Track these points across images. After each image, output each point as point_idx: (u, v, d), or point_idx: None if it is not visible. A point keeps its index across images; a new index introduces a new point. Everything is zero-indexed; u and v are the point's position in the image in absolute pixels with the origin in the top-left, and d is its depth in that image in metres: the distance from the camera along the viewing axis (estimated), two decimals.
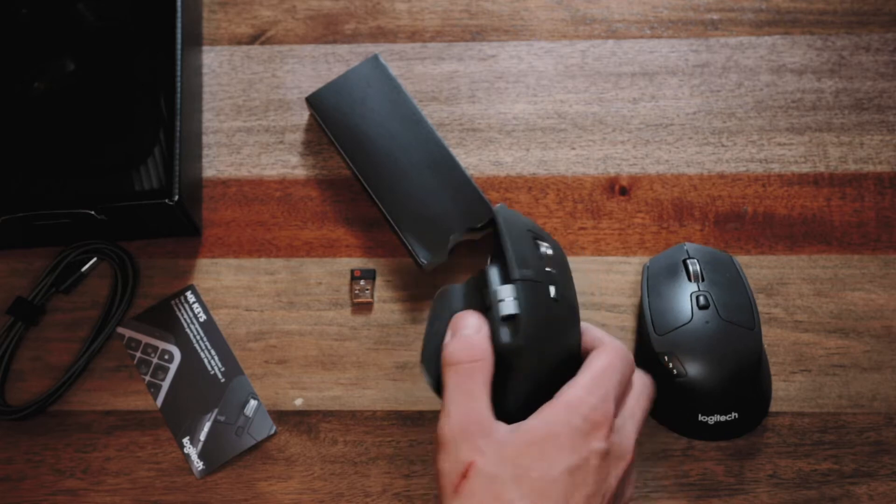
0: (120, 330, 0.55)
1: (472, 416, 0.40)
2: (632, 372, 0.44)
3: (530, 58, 0.61)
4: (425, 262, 0.54)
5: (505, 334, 0.42)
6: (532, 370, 0.42)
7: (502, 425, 0.41)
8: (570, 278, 0.47)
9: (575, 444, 0.39)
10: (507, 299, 0.42)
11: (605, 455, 0.40)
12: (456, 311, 0.44)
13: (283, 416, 0.53)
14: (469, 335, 0.42)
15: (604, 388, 0.41)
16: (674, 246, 0.54)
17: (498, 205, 0.48)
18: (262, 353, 0.55)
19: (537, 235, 0.46)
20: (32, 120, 0.57)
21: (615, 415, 0.41)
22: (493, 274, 0.44)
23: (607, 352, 0.43)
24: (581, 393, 0.41)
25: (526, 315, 0.42)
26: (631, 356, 0.44)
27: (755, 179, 0.57)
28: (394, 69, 0.60)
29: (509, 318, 0.42)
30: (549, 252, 0.45)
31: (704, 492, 0.51)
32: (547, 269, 0.44)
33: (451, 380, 0.41)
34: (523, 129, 0.59)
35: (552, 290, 0.43)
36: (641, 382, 0.45)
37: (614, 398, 0.42)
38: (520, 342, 0.41)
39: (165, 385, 0.54)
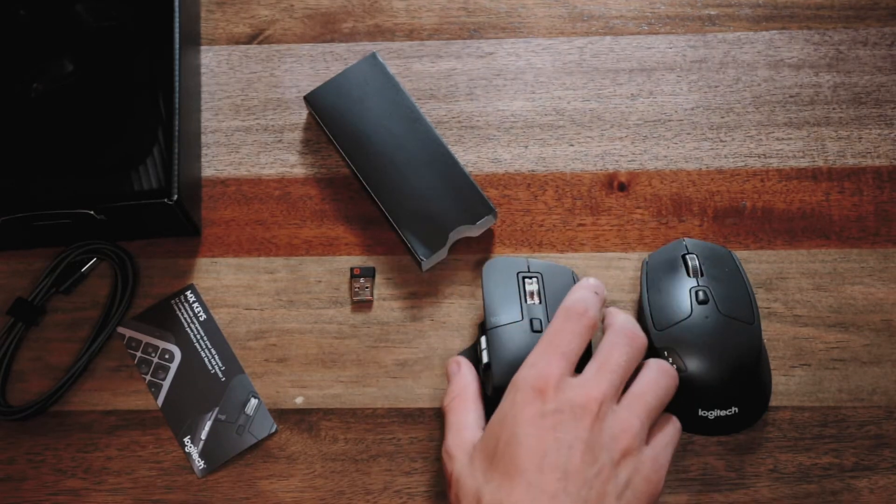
0: (120, 330, 0.55)
1: (462, 426, 0.48)
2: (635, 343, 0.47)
3: (528, 55, 0.61)
4: (424, 259, 0.54)
5: (486, 380, 0.49)
6: None
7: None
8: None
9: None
10: (483, 350, 0.49)
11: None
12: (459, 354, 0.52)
13: (283, 415, 0.53)
14: (453, 372, 0.51)
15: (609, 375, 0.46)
16: (673, 241, 0.54)
17: (487, 262, 0.52)
18: (262, 351, 0.55)
19: (527, 273, 0.51)
20: (32, 120, 0.57)
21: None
22: (481, 326, 0.51)
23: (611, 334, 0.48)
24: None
25: (496, 362, 0.48)
26: (637, 331, 0.47)
27: (753, 174, 0.57)
28: (392, 67, 0.60)
29: (486, 367, 0.49)
30: (535, 287, 0.50)
31: (705, 486, 0.51)
32: (530, 302, 0.50)
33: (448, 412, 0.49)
34: (521, 126, 0.59)
35: (531, 324, 0.49)
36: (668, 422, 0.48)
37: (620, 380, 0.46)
38: (493, 386, 0.48)
39: (166, 384, 0.54)
